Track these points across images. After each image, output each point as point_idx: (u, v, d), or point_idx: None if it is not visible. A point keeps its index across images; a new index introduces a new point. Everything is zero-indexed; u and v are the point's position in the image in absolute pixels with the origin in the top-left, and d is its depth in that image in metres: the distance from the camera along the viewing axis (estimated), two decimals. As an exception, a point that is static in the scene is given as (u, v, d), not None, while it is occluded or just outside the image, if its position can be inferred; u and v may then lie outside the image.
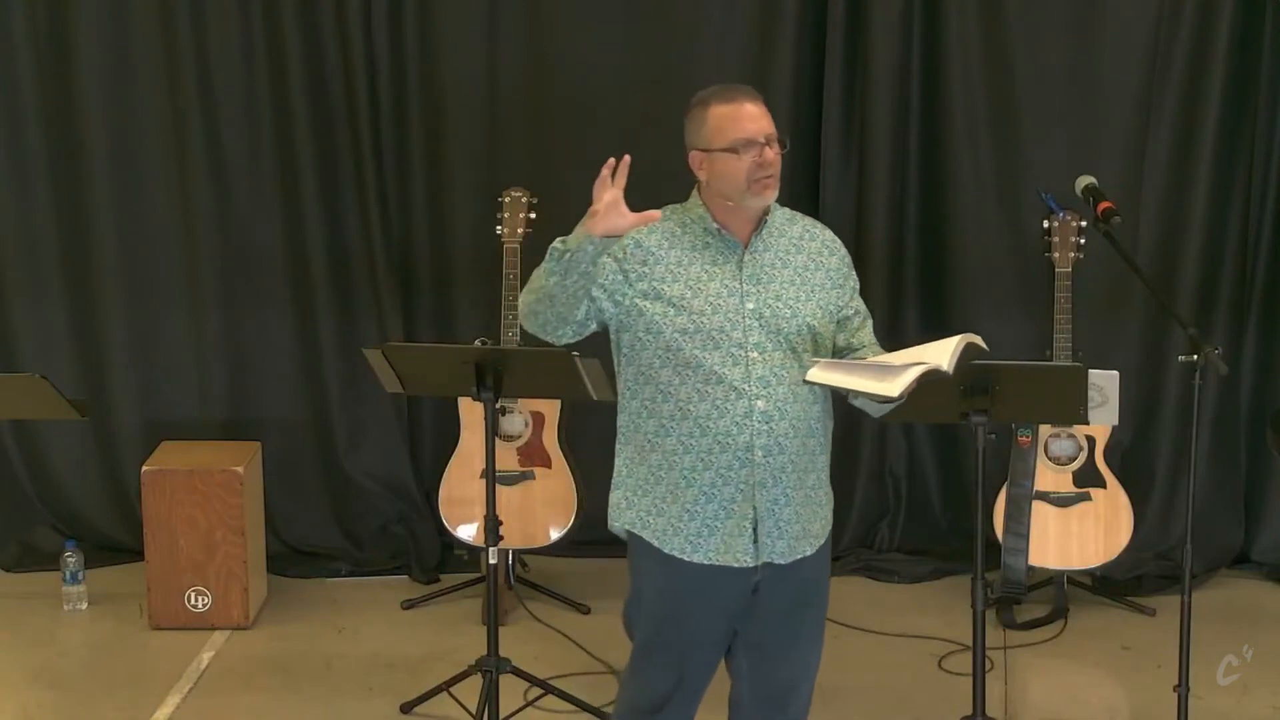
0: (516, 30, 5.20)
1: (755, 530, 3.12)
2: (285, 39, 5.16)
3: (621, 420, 3.23)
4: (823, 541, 3.23)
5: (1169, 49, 4.99)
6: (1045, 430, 4.81)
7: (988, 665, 3.79)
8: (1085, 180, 3.74)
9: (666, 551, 3.16)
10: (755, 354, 3.08)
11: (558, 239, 3.06)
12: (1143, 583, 5.02)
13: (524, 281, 4.80)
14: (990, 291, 5.17)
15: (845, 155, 5.14)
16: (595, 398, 4.09)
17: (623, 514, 3.24)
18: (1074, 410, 3.95)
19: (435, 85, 5.23)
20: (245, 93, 5.21)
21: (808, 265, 3.18)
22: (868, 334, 3.23)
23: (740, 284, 3.12)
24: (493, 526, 4.10)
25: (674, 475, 3.14)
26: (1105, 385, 4.20)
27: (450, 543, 5.23)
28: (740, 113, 3.11)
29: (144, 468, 4.86)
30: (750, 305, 3.10)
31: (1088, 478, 4.83)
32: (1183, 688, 3.51)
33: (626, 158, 3.02)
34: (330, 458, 5.39)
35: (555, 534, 4.98)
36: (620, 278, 3.12)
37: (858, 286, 3.26)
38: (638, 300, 3.11)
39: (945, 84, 5.09)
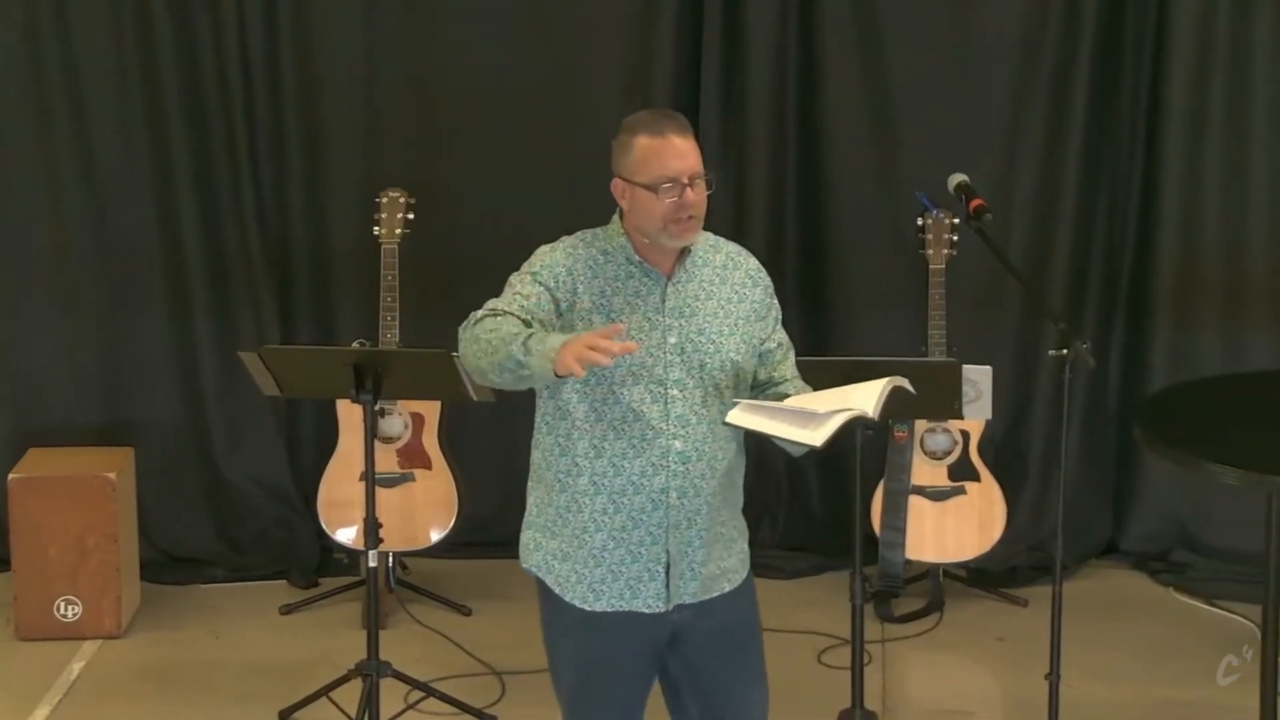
0: (394, 26, 5.16)
1: (667, 573, 3.03)
2: (156, 35, 5.07)
3: (535, 457, 3.11)
4: (743, 576, 3.14)
5: (1037, 47, 5.08)
6: (921, 425, 4.88)
7: (866, 658, 3.81)
8: (958, 178, 3.80)
9: (567, 600, 3.07)
10: (675, 391, 2.97)
11: (518, 345, 2.83)
12: (1016, 574, 5.10)
13: (403, 282, 4.87)
14: (867, 288, 5.23)
15: (724, 154, 5.17)
16: (475, 399, 4.07)
17: (530, 555, 3.15)
18: (949, 405, 4.01)
19: (311, 83, 5.17)
20: (116, 90, 5.12)
21: (731, 298, 3.06)
22: (789, 367, 3.14)
23: (663, 317, 3.00)
24: (372, 529, 4.07)
25: (582, 518, 3.02)
26: (979, 380, 4.29)
27: (330, 546, 5.17)
28: (665, 149, 2.95)
29: (10, 476, 4.76)
30: (672, 339, 2.99)
31: (962, 472, 4.91)
32: (1054, 676, 3.57)
33: (633, 346, 2.84)
34: (207, 461, 5.31)
35: (436, 535, 4.95)
36: (553, 309, 2.99)
37: (780, 317, 3.16)
38: (569, 329, 2.98)
39: (821, 85, 5.14)
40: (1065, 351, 3.40)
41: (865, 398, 2.94)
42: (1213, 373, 4.99)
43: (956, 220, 4.80)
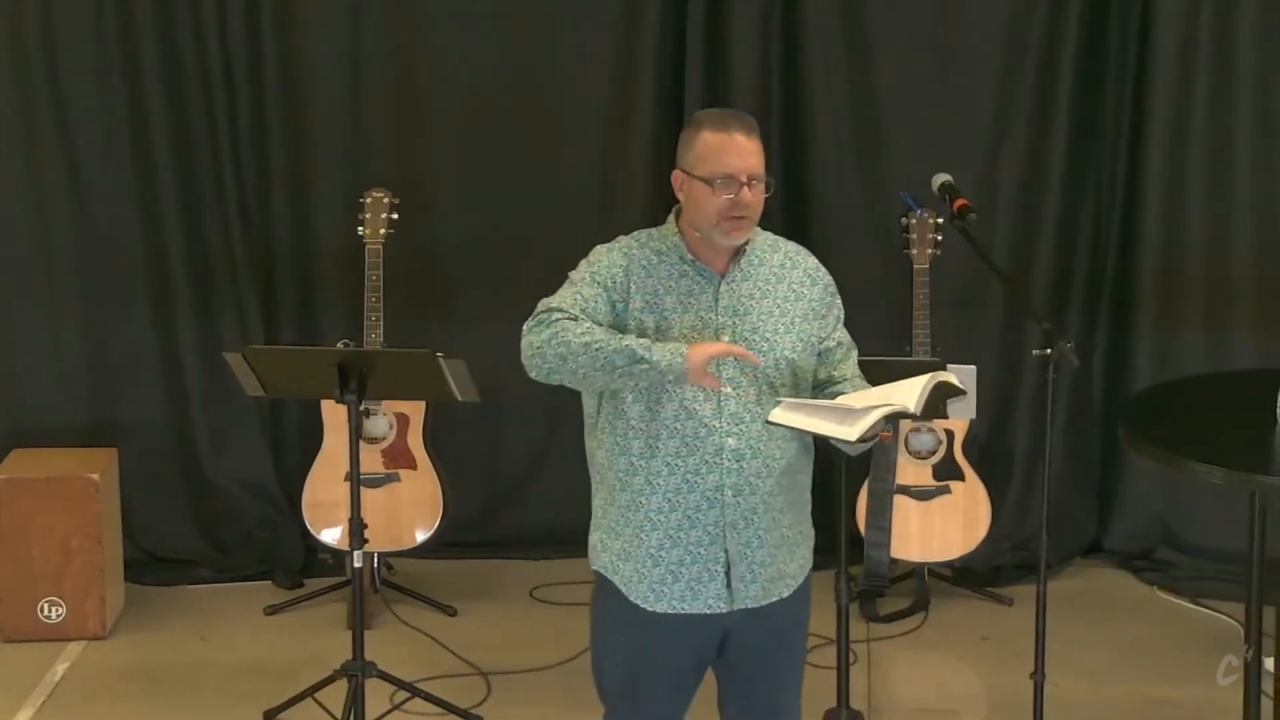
0: (378, 26, 5.16)
1: (728, 574, 3.03)
2: (139, 34, 5.06)
3: (599, 457, 3.10)
4: (800, 582, 3.14)
5: (1021, 48, 5.09)
6: (906, 424, 4.89)
7: (851, 658, 3.84)
8: (941, 178, 3.80)
9: (632, 600, 3.07)
10: (728, 389, 2.97)
11: (637, 341, 2.90)
12: (1001, 573, 5.12)
13: (387, 282, 4.87)
14: (852, 287, 5.15)
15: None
16: (460, 399, 4.07)
17: (599, 556, 3.15)
18: (934, 405, 4.00)
19: (295, 83, 5.16)
20: (99, 91, 5.10)
21: (788, 296, 3.06)
22: (850, 366, 3.13)
23: (716, 316, 3.01)
24: (357, 529, 4.07)
25: (639, 517, 3.03)
26: (963, 379, 4.28)
27: (315, 546, 5.17)
28: (728, 145, 2.96)
29: (-5, 476, 4.75)
30: (725, 339, 2.99)
31: (947, 471, 4.92)
32: (1039, 675, 3.58)
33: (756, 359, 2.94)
34: (192, 462, 5.30)
35: (421, 536, 4.95)
36: (610, 310, 3.00)
37: (841, 316, 3.15)
38: (623, 328, 2.99)
39: (805, 85, 5.14)
40: (1049, 351, 3.41)
41: (908, 394, 2.95)
42: (1196, 372, 5.01)
43: (941, 220, 4.81)
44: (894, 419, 2.97)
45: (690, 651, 3.11)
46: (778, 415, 2.93)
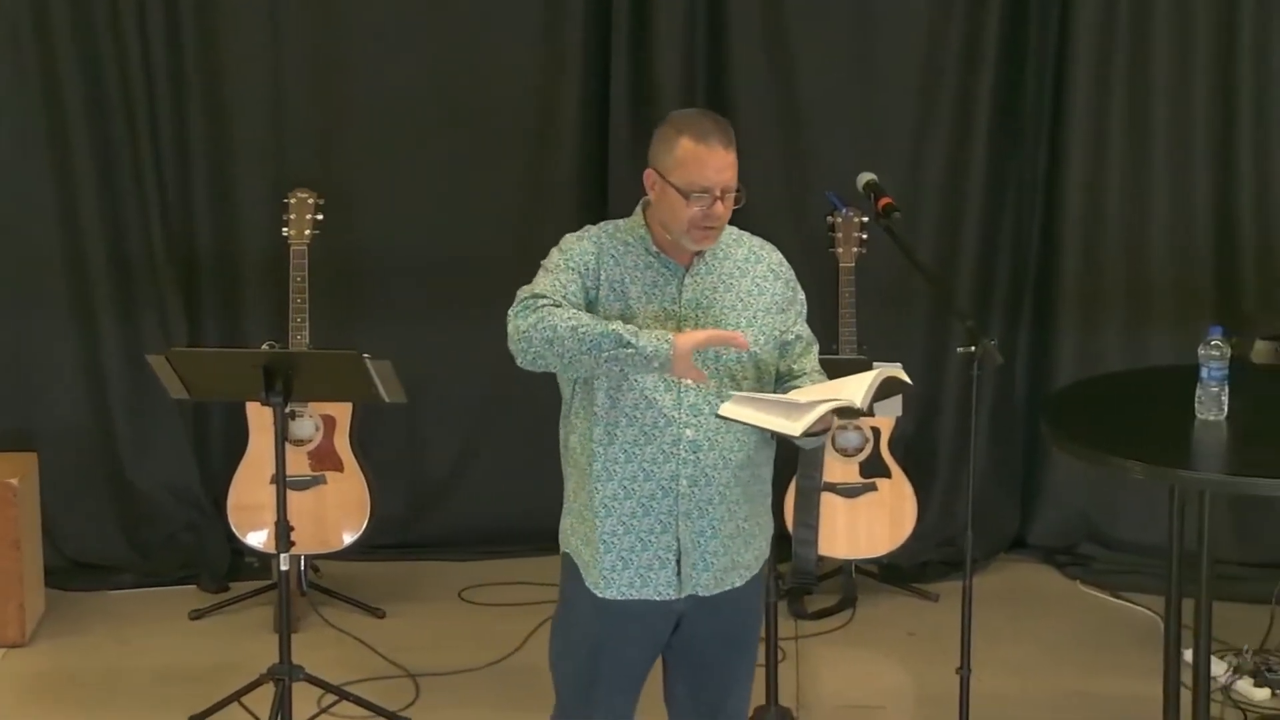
0: (300, 26, 5.12)
1: (679, 562, 3.07)
2: (55, 35, 4.98)
3: (570, 443, 3.12)
4: (755, 572, 3.18)
5: (941, 48, 5.14)
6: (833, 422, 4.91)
7: (780, 655, 3.85)
8: (866, 177, 3.83)
9: (588, 585, 3.11)
10: (689, 380, 3.01)
11: (624, 326, 2.93)
12: (927, 569, 5.16)
13: (313, 283, 4.83)
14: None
15: (634, 155, 5.17)
16: (387, 400, 4.05)
17: (567, 539, 3.17)
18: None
19: (217, 83, 5.11)
20: (16, 93, 5.03)
21: (751, 290, 3.11)
22: (810, 361, 3.16)
23: (680, 308, 3.04)
24: (284, 532, 4.04)
25: (594, 503, 3.07)
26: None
27: (240, 550, 5.12)
28: (707, 158, 2.97)
29: (-91, 482, 4.67)
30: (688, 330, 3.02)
31: (874, 468, 4.95)
32: (965, 670, 3.61)
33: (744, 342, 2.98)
34: (113, 466, 5.23)
35: (349, 538, 4.92)
36: (584, 296, 3.03)
37: (803, 311, 3.19)
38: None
39: (729, 85, 5.16)
40: (974, 349, 3.44)
41: (856, 389, 2.97)
42: (1116, 369, 5.07)
43: (866, 219, 4.85)
44: (844, 415, 2.99)
45: (642, 640, 3.14)
46: (728, 409, 2.96)
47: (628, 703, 3.19)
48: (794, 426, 2.91)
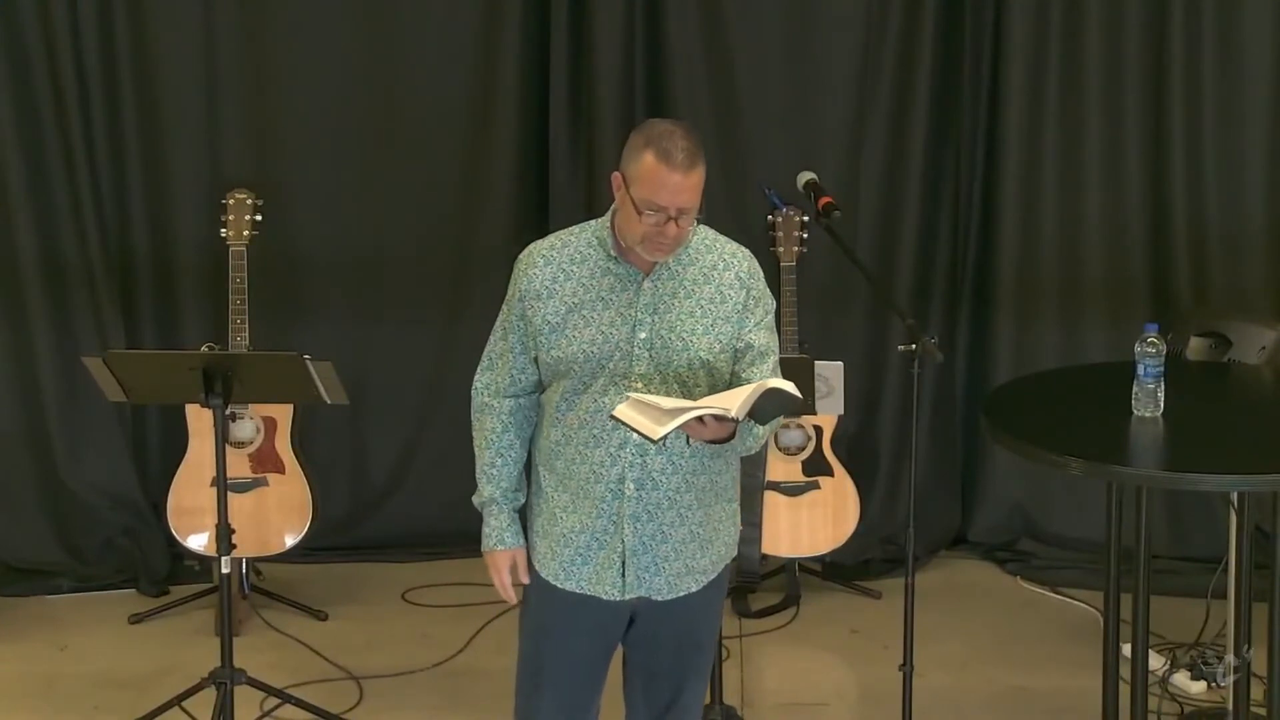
0: (235, 26, 5.08)
1: (624, 565, 3.09)
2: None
3: (538, 441, 3.18)
4: (712, 577, 3.18)
5: (879, 48, 5.16)
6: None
7: (725, 654, 3.87)
8: (806, 176, 3.84)
9: (543, 576, 3.14)
10: (639, 385, 3.01)
11: (491, 499, 3.21)
12: (870, 567, 5.19)
13: (252, 284, 4.80)
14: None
15: (573, 158, 5.18)
16: (329, 401, 4.03)
17: (531, 533, 3.21)
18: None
19: (150, 83, 5.07)
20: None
21: (714, 298, 3.08)
22: (760, 371, 3.09)
23: (635, 312, 3.05)
24: (225, 535, 4.01)
25: (553, 504, 3.12)
26: (831, 376, 4.34)
27: (181, 553, 5.08)
28: (665, 179, 2.95)
29: None
30: (642, 335, 3.03)
31: (816, 467, 4.97)
32: (908, 666, 3.64)
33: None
34: (48, 470, 5.18)
35: (290, 540, 4.89)
36: (525, 326, 3.09)
37: (765, 321, 3.13)
38: (539, 334, 3.07)
39: (668, 86, 5.17)
40: (914, 346, 3.46)
41: (734, 398, 2.96)
42: (1053, 365, 5.12)
43: (806, 218, 4.87)
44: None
45: (593, 636, 3.16)
46: (620, 411, 2.95)
47: (583, 692, 3.20)
48: (656, 430, 2.90)
